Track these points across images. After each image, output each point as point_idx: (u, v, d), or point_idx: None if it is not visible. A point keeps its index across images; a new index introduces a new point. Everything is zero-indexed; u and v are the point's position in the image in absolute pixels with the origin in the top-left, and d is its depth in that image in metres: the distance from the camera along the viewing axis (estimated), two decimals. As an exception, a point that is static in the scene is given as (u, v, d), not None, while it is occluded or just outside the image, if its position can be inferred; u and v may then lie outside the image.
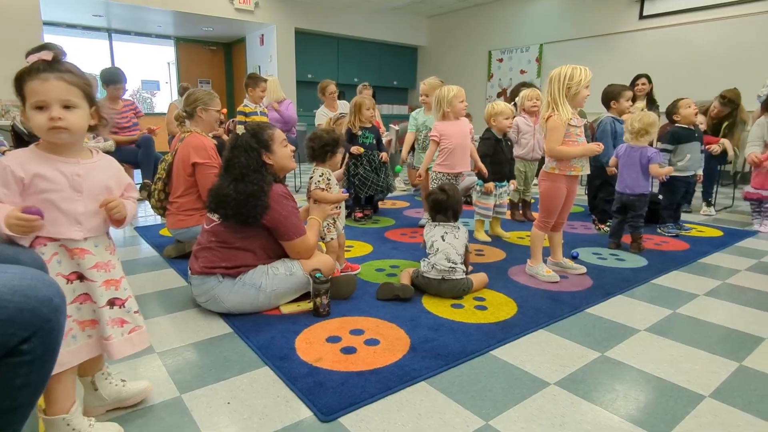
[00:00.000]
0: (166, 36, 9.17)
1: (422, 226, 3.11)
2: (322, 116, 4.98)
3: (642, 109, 2.86)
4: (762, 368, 1.50)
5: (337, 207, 2.25)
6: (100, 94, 4.49)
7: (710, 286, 2.26)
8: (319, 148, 2.23)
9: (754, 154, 3.38)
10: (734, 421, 1.22)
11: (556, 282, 2.26)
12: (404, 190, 5.28)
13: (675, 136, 3.25)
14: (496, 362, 1.52)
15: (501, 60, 8.45)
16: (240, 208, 1.78)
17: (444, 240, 2.08)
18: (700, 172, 3.30)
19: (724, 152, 3.95)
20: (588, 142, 2.28)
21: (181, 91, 5.31)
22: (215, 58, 9.95)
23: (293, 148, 2.02)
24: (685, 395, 1.34)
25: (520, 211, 3.72)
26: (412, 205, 4.33)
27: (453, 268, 2.01)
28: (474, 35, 8.84)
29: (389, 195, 4.12)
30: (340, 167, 2.55)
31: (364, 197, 3.59)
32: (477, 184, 3.08)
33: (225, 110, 5.45)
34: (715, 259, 2.71)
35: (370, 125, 3.52)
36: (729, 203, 4.44)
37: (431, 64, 9.87)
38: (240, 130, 1.92)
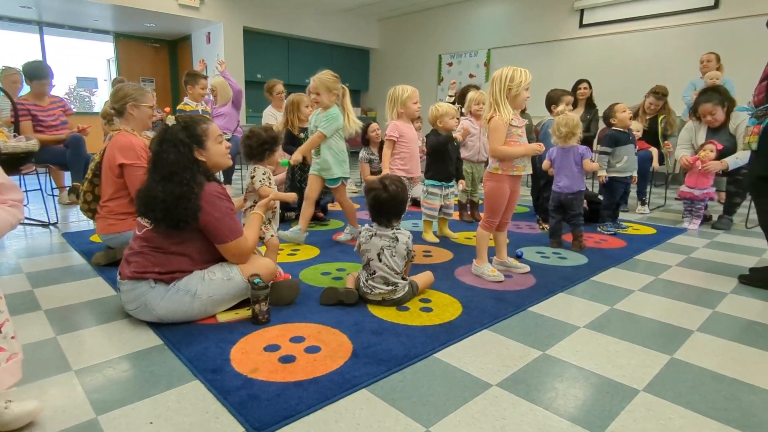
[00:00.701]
0: (104, 31, 8.66)
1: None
2: (270, 117, 4.85)
3: (563, 112, 2.98)
4: (691, 360, 1.56)
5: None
6: (25, 89, 4.15)
7: (645, 281, 2.35)
8: (257, 146, 2.13)
9: (685, 157, 3.59)
10: (666, 414, 1.26)
11: (501, 281, 2.28)
12: (355, 192, 5.23)
13: (613, 138, 3.39)
14: (439, 365, 1.49)
15: (451, 64, 8.59)
16: (169, 211, 1.65)
17: (380, 260, 1.93)
18: (635, 173, 3.46)
19: (660, 155, 4.22)
20: (530, 143, 2.32)
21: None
22: (159, 56, 9.50)
23: (229, 144, 1.92)
24: (620, 390, 1.37)
25: (468, 212, 3.76)
26: (363, 207, 4.28)
27: (393, 289, 1.94)
28: (425, 39, 8.95)
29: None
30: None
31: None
32: (424, 184, 3.09)
33: (168, 110, 5.19)
34: (649, 255, 2.83)
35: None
36: (662, 203, 4.70)
37: (383, 67, 9.91)
38: (170, 121, 1.78)
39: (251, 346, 1.57)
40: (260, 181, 2.12)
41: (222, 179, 4.90)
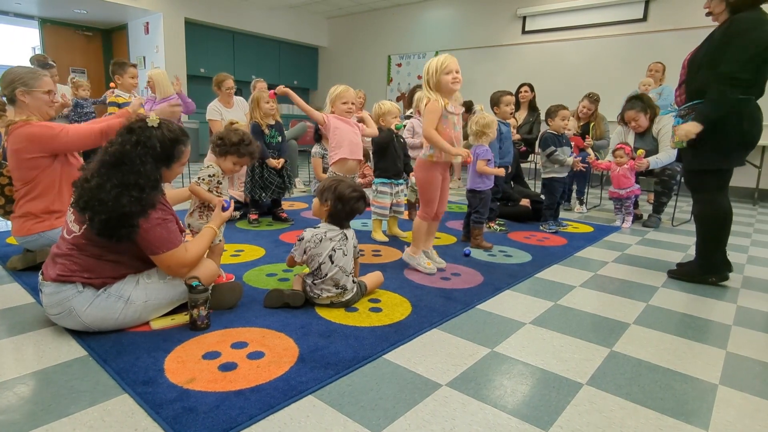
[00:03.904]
0: (29, 16, 7.95)
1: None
2: (214, 111, 4.64)
3: (481, 110, 3.06)
4: (628, 352, 1.62)
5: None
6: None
7: (585, 277, 2.45)
8: (215, 138, 2.01)
9: (598, 165, 3.83)
10: (608, 406, 1.29)
11: (434, 274, 2.34)
12: (303, 192, 5.12)
13: (548, 141, 3.52)
14: (389, 367, 1.45)
15: (400, 65, 8.64)
16: (109, 222, 1.48)
17: (333, 262, 1.84)
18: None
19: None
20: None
21: (36, 64, 4.50)
22: (91, 46, 8.85)
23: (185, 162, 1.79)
24: (565, 385, 1.39)
25: (417, 211, 3.77)
26: (311, 207, 4.18)
27: (342, 292, 1.88)
28: (374, 39, 8.94)
29: (286, 197, 3.95)
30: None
31: (269, 200, 3.40)
32: (374, 182, 3.06)
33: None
34: (588, 252, 2.96)
35: (273, 122, 3.35)
36: (598, 202, 4.96)
37: (332, 66, 9.80)
38: (153, 122, 1.59)
39: (188, 355, 1.46)
40: (200, 178, 1.98)
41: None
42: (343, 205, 1.88)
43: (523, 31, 7.07)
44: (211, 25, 8.07)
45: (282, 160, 3.31)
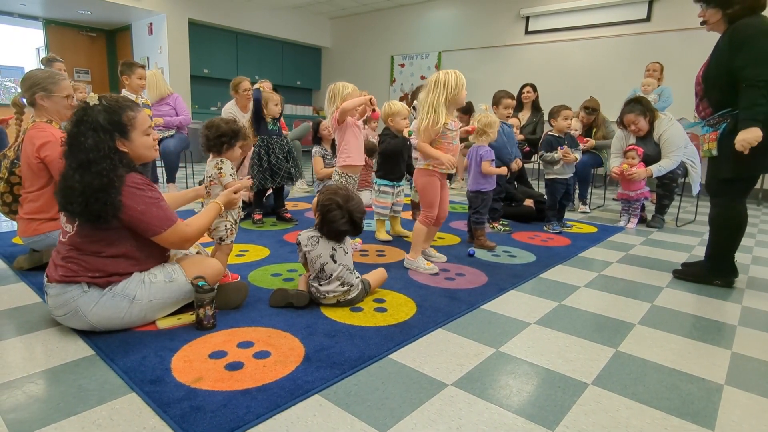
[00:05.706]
0: (33, 17, 8.00)
1: None
2: (229, 114, 4.65)
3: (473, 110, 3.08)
4: (633, 352, 1.62)
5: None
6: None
7: (589, 278, 2.44)
8: (214, 138, 1.96)
9: (612, 171, 3.75)
10: (614, 406, 1.29)
11: (436, 274, 2.37)
12: (307, 192, 5.13)
13: (549, 143, 3.52)
14: (394, 366, 1.46)
15: (403, 65, 8.65)
16: (88, 204, 1.47)
17: (335, 261, 1.86)
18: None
19: (598, 158, 4.45)
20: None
21: (46, 64, 4.48)
22: (95, 46, 8.90)
23: (157, 136, 1.77)
24: (571, 384, 1.39)
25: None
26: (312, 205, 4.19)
27: (348, 290, 1.89)
28: (377, 39, 8.95)
29: (290, 197, 3.96)
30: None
31: (279, 185, 3.41)
32: (374, 183, 3.07)
33: None
34: (591, 253, 2.95)
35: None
36: (601, 203, 4.95)
37: (335, 66, 9.82)
38: (92, 100, 1.55)
39: (195, 354, 1.47)
40: (230, 175, 1.96)
41: (166, 178, 4.64)
42: (329, 230, 1.89)
43: (526, 32, 7.07)
44: (215, 26, 8.10)
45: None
